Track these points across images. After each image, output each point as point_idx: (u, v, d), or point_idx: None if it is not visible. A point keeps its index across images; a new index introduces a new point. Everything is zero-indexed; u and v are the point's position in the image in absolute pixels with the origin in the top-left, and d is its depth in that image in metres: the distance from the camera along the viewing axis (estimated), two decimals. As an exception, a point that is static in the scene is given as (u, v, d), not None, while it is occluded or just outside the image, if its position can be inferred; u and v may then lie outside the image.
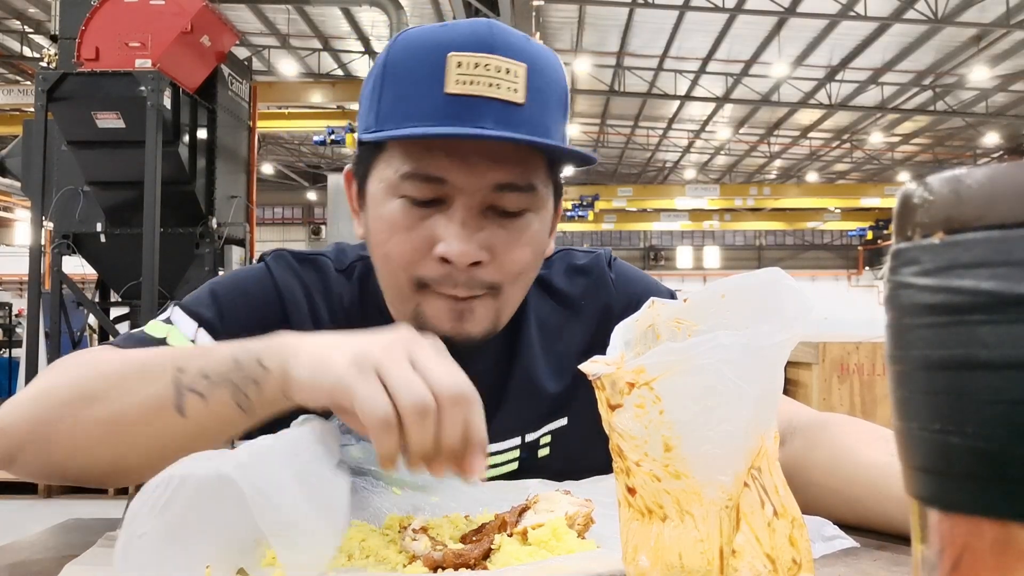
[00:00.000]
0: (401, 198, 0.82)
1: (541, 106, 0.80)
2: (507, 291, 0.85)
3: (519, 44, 0.80)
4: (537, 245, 0.86)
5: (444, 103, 0.77)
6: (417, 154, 0.80)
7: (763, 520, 0.50)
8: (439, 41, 0.79)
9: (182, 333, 0.87)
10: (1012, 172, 0.26)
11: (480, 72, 0.77)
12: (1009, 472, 0.25)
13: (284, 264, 0.96)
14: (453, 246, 0.79)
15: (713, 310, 0.58)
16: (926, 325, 0.27)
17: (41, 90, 5.50)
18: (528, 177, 0.82)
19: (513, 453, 0.96)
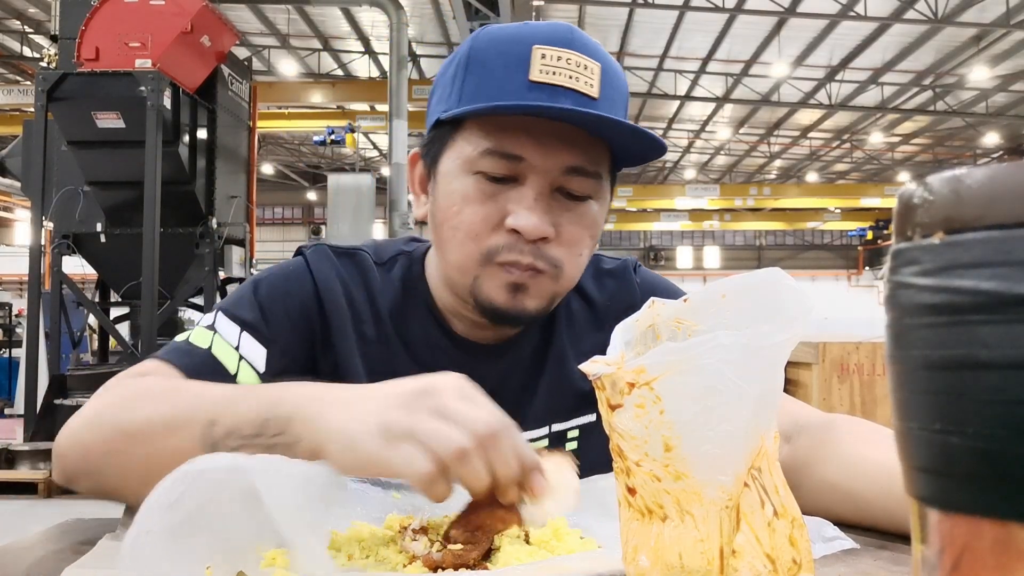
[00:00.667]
0: (476, 174, 0.86)
1: (611, 104, 0.86)
2: (567, 270, 0.89)
3: (595, 47, 0.87)
4: (595, 231, 0.91)
5: (528, 88, 0.83)
6: (497, 132, 0.85)
7: (763, 520, 0.50)
8: (524, 35, 0.85)
9: (226, 340, 0.90)
10: (1012, 172, 0.26)
11: (562, 65, 0.83)
12: (1009, 472, 0.25)
13: (323, 257, 0.98)
14: (524, 219, 0.84)
15: (713, 310, 0.58)
16: (926, 325, 0.27)
17: (41, 90, 5.50)
18: (596, 164, 0.87)
19: (542, 443, 0.99)
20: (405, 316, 0.97)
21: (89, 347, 7.30)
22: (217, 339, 0.89)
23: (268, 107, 14.68)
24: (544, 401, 0.99)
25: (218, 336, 0.90)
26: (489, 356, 0.97)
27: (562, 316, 1.02)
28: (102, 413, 0.79)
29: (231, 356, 0.89)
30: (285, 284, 0.95)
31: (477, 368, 0.94)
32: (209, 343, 0.89)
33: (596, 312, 1.04)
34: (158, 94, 5.47)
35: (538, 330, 1.00)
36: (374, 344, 0.95)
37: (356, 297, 0.96)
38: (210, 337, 0.90)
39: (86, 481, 0.79)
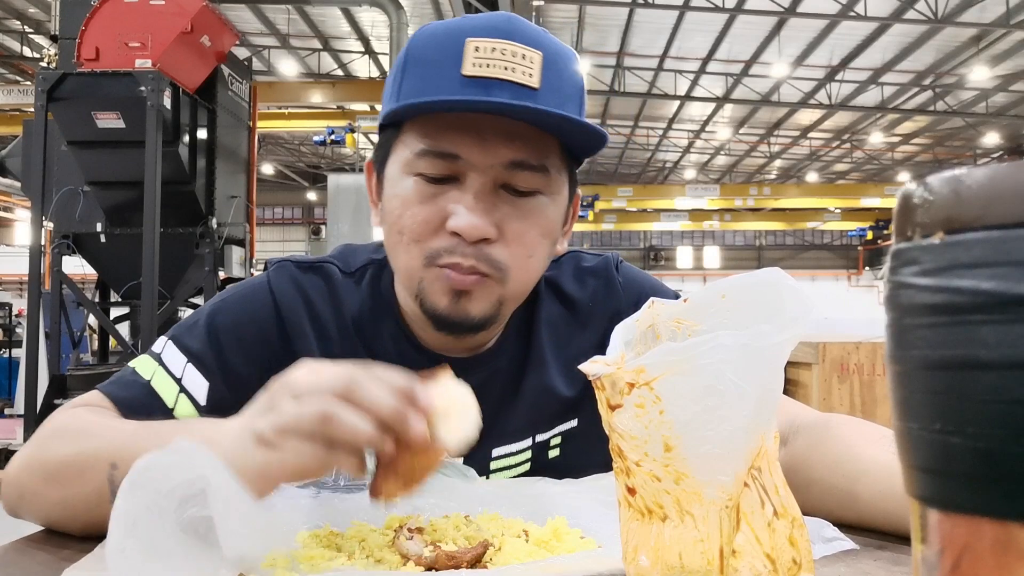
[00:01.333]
0: (415, 176, 0.83)
1: (556, 93, 0.82)
2: (514, 274, 0.85)
3: (536, 34, 0.83)
4: (547, 230, 0.87)
5: (461, 83, 0.80)
6: (432, 132, 0.82)
7: (763, 520, 0.50)
8: (459, 28, 0.82)
9: (168, 371, 0.88)
10: (1012, 172, 0.26)
11: (496, 56, 0.80)
12: (1009, 472, 0.25)
13: (286, 275, 0.95)
14: (464, 219, 0.81)
15: (713, 310, 0.58)
16: (926, 325, 0.27)
17: (41, 90, 5.49)
18: (541, 157, 0.83)
19: (525, 454, 0.97)
20: (374, 329, 0.95)
21: (89, 347, 7.30)
22: (159, 371, 0.89)
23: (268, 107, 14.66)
24: (526, 412, 0.96)
25: (160, 367, 0.89)
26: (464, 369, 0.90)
27: (541, 323, 0.98)
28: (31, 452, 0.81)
29: (170, 389, 0.88)
30: (243, 309, 0.93)
31: None
32: (151, 374, 0.88)
33: (578, 313, 1.01)
34: (158, 94, 5.47)
35: (515, 339, 0.97)
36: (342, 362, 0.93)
37: (322, 314, 0.94)
38: (153, 368, 0.89)
39: (25, 514, 0.81)
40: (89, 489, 0.73)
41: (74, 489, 0.75)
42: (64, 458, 0.77)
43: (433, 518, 0.73)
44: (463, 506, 0.77)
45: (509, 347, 0.97)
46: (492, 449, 0.95)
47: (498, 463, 0.96)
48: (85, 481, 0.74)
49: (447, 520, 0.72)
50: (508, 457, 0.96)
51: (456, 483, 0.84)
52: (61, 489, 0.76)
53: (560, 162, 0.86)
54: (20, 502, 0.81)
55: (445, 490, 0.82)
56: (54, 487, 0.76)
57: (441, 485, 0.83)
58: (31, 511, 0.80)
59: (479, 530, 0.71)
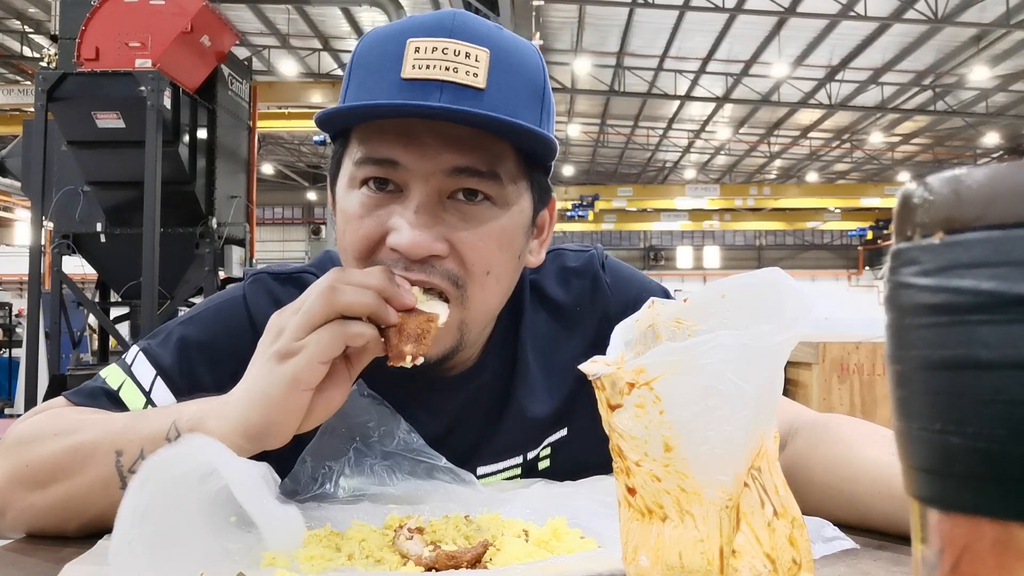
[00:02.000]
0: (360, 188, 0.79)
1: (505, 92, 0.76)
2: (472, 293, 0.79)
3: (483, 30, 0.78)
4: (505, 242, 0.80)
5: (399, 87, 0.75)
6: (371, 139, 0.77)
7: (763, 520, 0.50)
8: (403, 29, 0.78)
9: (137, 384, 0.86)
10: (1012, 172, 0.26)
11: (437, 56, 0.75)
12: (1009, 472, 0.25)
13: (261, 289, 0.93)
14: (404, 235, 0.75)
15: (713, 310, 0.58)
16: (926, 325, 0.27)
17: (41, 90, 5.49)
18: (490, 164, 0.77)
19: (515, 471, 0.95)
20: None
21: (89, 347, 7.30)
22: (128, 382, 0.87)
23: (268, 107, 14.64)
24: (514, 430, 0.93)
25: (129, 379, 0.87)
26: (448, 387, 0.90)
27: (526, 333, 0.94)
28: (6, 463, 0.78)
29: (138, 401, 0.86)
30: (216, 326, 0.90)
31: (435, 402, 0.91)
32: (119, 384, 0.87)
33: (564, 319, 0.97)
34: (158, 94, 5.47)
35: (499, 352, 0.92)
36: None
37: None
38: (122, 378, 0.87)
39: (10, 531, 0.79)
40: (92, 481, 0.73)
41: (74, 484, 0.74)
42: (55, 456, 0.75)
43: (433, 518, 0.73)
44: (463, 506, 0.77)
45: (493, 362, 0.92)
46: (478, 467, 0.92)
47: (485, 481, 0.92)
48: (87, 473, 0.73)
49: (447, 520, 0.72)
50: (496, 475, 0.94)
51: (455, 487, 0.84)
52: (56, 488, 0.74)
53: (516, 169, 0.80)
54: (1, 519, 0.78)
55: (445, 491, 0.82)
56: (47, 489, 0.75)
57: (441, 487, 0.83)
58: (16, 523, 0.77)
59: (479, 530, 0.71)
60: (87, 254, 6.10)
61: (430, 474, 0.84)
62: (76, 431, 0.77)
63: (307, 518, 0.73)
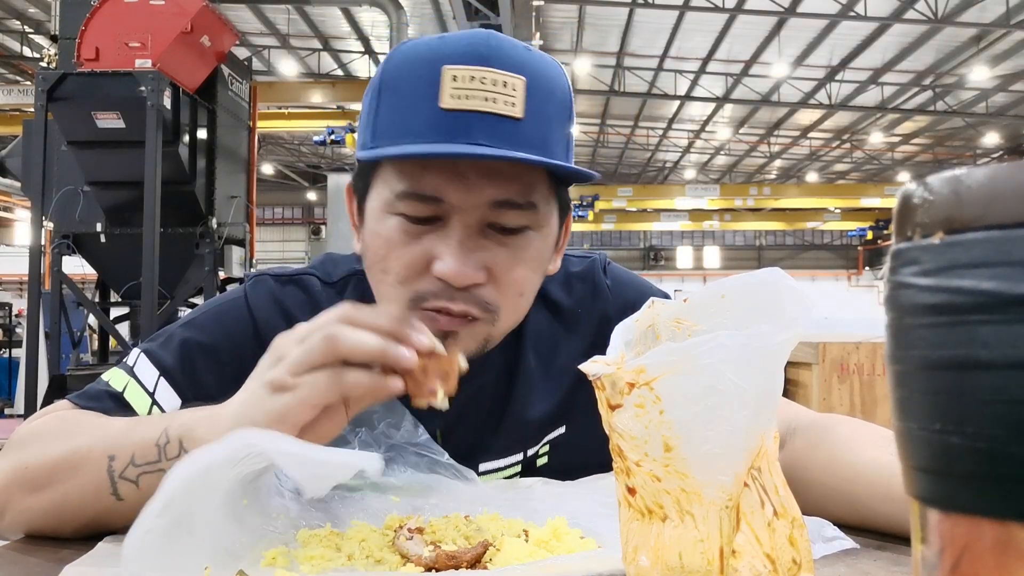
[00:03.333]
0: (397, 216, 0.80)
1: (541, 120, 0.78)
2: (504, 314, 0.83)
3: (518, 56, 0.78)
4: (538, 264, 0.84)
5: (438, 119, 0.75)
6: (412, 173, 0.78)
7: (763, 520, 0.50)
8: (435, 53, 0.77)
9: (141, 385, 0.87)
10: (1012, 172, 0.26)
11: (475, 86, 0.75)
12: (1009, 472, 0.25)
13: (263, 290, 0.93)
14: (450, 265, 0.77)
15: (713, 310, 0.58)
16: (926, 325, 0.27)
17: (41, 90, 5.49)
18: (527, 194, 0.80)
19: (515, 468, 0.97)
20: None
21: (89, 347, 7.30)
22: (132, 383, 0.87)
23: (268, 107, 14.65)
24: (514, 428, 0.95)
25: (133, 380, 0.87)
26: None
27: (527, 334, 0.96)
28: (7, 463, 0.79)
29: (143, 402, 0.86)
30: (218, 327, 0.91)
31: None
32: (123, 386, 0.87)
33: (565, 320, 0.99)
34: (158, 94, 5.47)
35: (502, 353, 0.93)
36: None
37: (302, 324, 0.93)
38: (126, 380, 0.87)
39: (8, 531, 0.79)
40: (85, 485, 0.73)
41: (68, 488, 0.74)
42: (52, 459, 0.76)
43: (433, 518, 0.73)
44: (463, 506, 0.77)
45: (495, 362, 0.93)
46: (480, 464, 0.94)
47: (486, 478, 0.94)
48: (80, 478, 0.73)
49: (447, 520, 0.72)
50: (496, 472, 0.95)
51: (454, 485, 0.84)
52: (52, 491, 0.74)
53: (548, 192, 0.83)
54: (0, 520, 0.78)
55: (445, 490, 0.82)
56: (43, 492, 0.75)
57: (440, 487, 0.83)
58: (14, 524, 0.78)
59: (479, 530, 0.71)
60: (87, 254, 6.10)
61: (432, 468, 0.84)
62: (74, 435, 0.77)
63: (307, 518, 0.73)
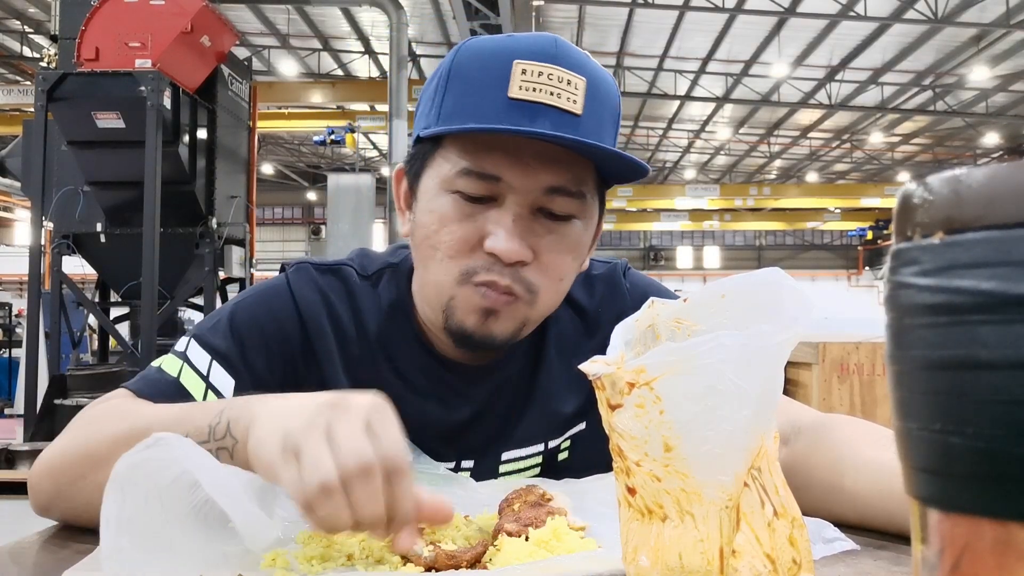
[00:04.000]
0: (454, 193, 0.84)
1: (597, 120, 0.83)
2: (543, 296, 0.86)
3: (581, 60, 0.84)
4: (579, 253, 0.88)
5: (507, 106, 0.80)
6: (476, 151, 0.82)
7: (763, 520, 0.50)
8: (506, 49, 0.83)
9: (195, 369, 0.89)
10: (1012, 172, 0.26)
11: (543, 81, 0.80)
12: (1009, 472, 0.25)
13: (305, 277, 0.96)
14: (502, 242, 0.82)
15: (713, 310, 0.58)
16: (926, 325, 0.27)
17: (41, 90, 5.49)
18: (579, 183, 0.84)
19: (536, 459, 0.99)
20: (391, 335, 0.96)
21: (89, 347, 7.30)
22: (186, 368, 0.89)
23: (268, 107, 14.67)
24: (537, 419, 0.98)
25: (187, 365, 0.90)
26: (476, 376, 0.96)
27: (552, 332, 1.00)
28: (71, 444, 0.81)
29: (199, 385, 0.89)
30: (264, 310, 0.94)
31: (464, 389, 0.96)
32: (178, 371, 0.89)
33: (587, 320, 1.02)
34: (158, 94, 5.46)
35: (527, 348, 0.98)
36: (360, 364, 0.94)
37: (341, 315, 0.95)
38: (179, 365, 0.90)
39: (59, 509, 0.81)
40: None
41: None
42: (111, 435, 0.77)
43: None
44: (463, 506, 0.77)
45: (520, 355, 0.98)
46: (502, 453, 0.97)
47: (508, 467, 0.97)
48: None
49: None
50: (518, 461, 0.98)
51: (455, 484, 0.84)
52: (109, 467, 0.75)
53: (594, 187, 0.87)
54: (56, 496, 0.80)
55: (445, 490, 0.82)
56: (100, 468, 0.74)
57: (441, 485, 0.83)
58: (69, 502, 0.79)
59: (479, 530, 0.71)
60: (87, 254, 6.09)
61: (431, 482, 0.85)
62: (137, 416, 0.79)
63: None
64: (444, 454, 0.94)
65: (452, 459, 0.95)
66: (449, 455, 0.95)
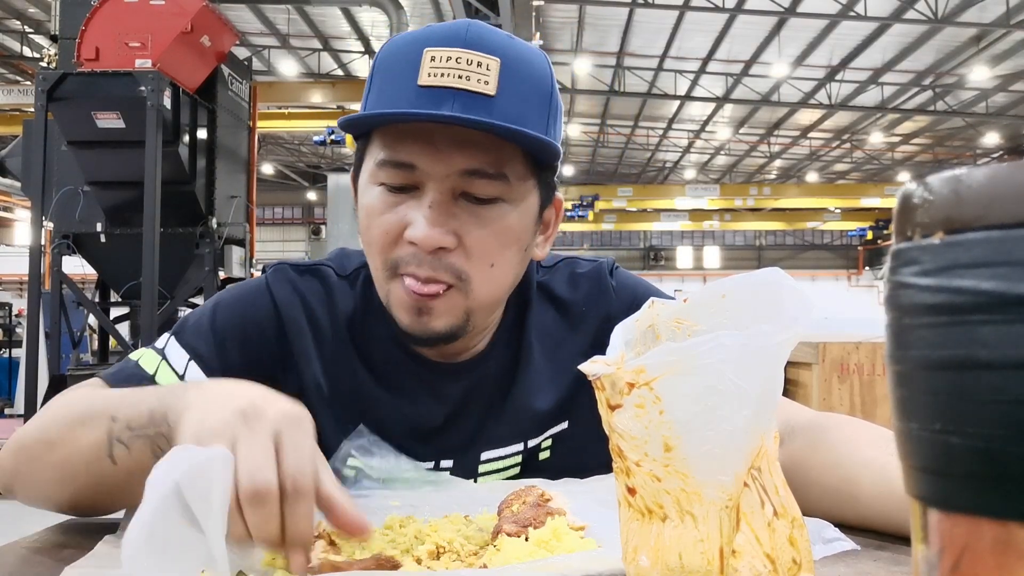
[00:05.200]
0: (380, 186, 0.85)
1: (515, 99, 0.82)
2: (476, 284, 0.85)
3: (495, 40, 0.83)
4: (511, 238, 0.86)
5: (415, 94, 0.81)
6: (390, 143, 0.83)
7: (763, 520, 0.50)
8: (419, 38, 0.83)
9: (172, 368, 0.90)
10: (1012, 172, 0.26)
11: (451, 65, 0.81)
12: (1009, 472, 0.25)
13: (283, 278, 0.97)
14: (419, 229, 0.81)
15: (713, 310, 0.58)
16: (926, 325, 0.27)
17: (41, 90, 5.50)
18: (499, 166, 0.83)
19: (516, 459, 0.98)
20: (366, 333, 0.96)
21: (89, 347, 7.30)
22: (163, 365, 0.90)
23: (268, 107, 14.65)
24: (516, 418, 0.97)
25: (164, 362, 0.90)
26: (453, 374, 0.96)
27: (531, 328, 0.99)
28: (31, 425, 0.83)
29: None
30: (244, 310, 0.95)
31: (441, 387, 0.96)
32: (155, 369, 0.90)
33: (570, 316, 1.02)
34: (158, 94, 5.47)
35: (504, 344, 0.98)
36: (337, 363, 0.95)
37: (318, 315, 0.96)
38: (157, 362, 0.91)
39: (19, 490, 0.83)
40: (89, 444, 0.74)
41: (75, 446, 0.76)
42: (65, 418, 0.78)
43: (433, 518, 0.73)
44: (463, 506, 0.77)
45: (499, 352, 0.97)
46: (481, 453, 0.96)
47: (487, 467, 0.96)
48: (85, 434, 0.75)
49: (447, 520, 0.72)
50: (498, 460, 0.97)
51: (455, 484, 0.84)
52: (62, 449, 0.77)
53: (524, 169, 0.85)
54: (15, 476, 0.82)
55: (445, 490, 0.82)
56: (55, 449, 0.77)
57: (441, 485, 0.83)
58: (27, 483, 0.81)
59: (479, 530, 0.71)
60: (87, 254, 6.10)
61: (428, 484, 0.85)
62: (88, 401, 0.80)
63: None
64: (422, 454, 0.92)
65: (430, 459, 0.94)
66: (427, 455, 0.93)
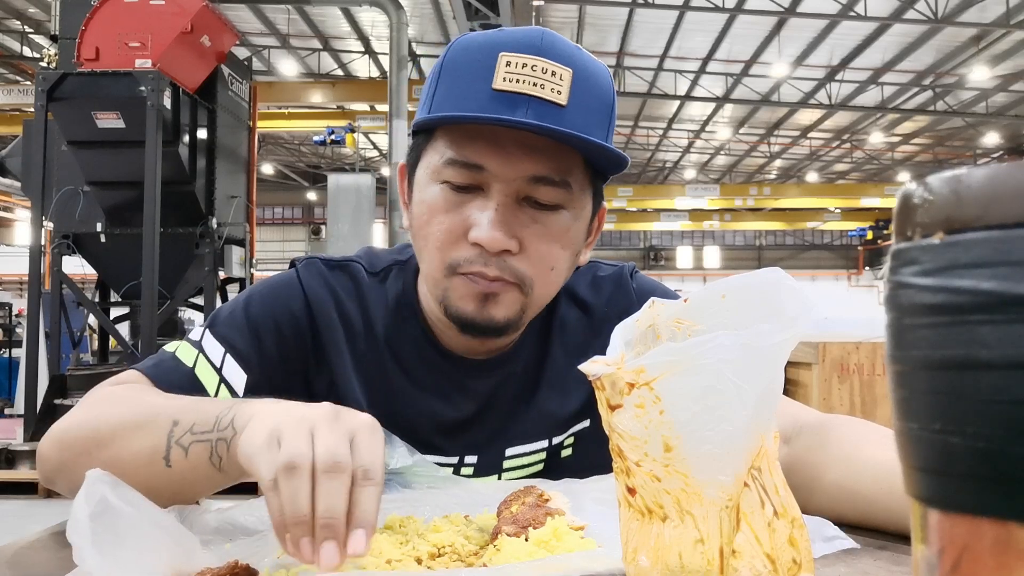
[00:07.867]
0: (442, 184, 0.86)
1: (583, 111, 0.83)
2: (536, 287, 0.87)
3: (568, 51, 0.85)
4: (568, 244, 0.89)
5: (490, 97, 0.81)
6: (460, 142, 0.84)
7: (763, 520, 0.50)
8: (494, 42, 0.84)
9: (209, 361, 0.91)
10: (1012, 172, 0.26)
11: (527, 72, 0.82)
12: (1009, 472, 0.25)
13: (314, 272, 0.98)
14: (484, 231, 0.83)
15: (713, 310, 0.58)
16: (926, 325, 0.27)
17: (41, 90, 5.49)
18: (563, 173, 0.85)
19: (540, 455, 0.99)
20: (397, 330, 0.97)
21: (89, 347, 7.30)
22: (201, 359, 0.91)
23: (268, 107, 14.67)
24: (541, 415, 0.98)
25: (202, 356, 0.91)
26: (481, 371, 0.97)
27: (556, 328, 1.01)
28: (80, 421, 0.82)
29: (212, 378, 0.90)
30: (277, 303, 0.95)
31: (469, 383, 0.97)
32: (193, 361, 0.90)
33: (593, 318, 1.03)
34: (158, 94, 5.47)
35: (532, 344, 0.99)
36: (368, 359, 0.96)
37: (349, 311, 0.96)
38: (195, 355, 0.91)
39: (62, 482, 0.82)
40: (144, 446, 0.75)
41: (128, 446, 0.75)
42: (120, 417, 0.78)
43: (433, 518, 0.73)
44: (463, 506, 0.77)
45: (526, 351, 0.99)
46: (506, 448, 0.98)
47: (511, 462, 0.98)
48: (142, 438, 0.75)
49: (447, 520, 0.72)
50: (522, 457, 0.98)
51: (455, 483, 0.84)
52: (113, 448, 0.76)
53: (584, 177, 0.88)
54: (60, 468, 0.82)
55: (445, 490, 0.82)
56: (105, 448, 0.77)
57: (441, 485, 0.83)
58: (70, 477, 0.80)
59: (479, 530, 0.71)
60: (87, 254, 6.10)
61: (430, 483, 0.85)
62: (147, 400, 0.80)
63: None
64: (448, 449, 0.95)
65: (456, 454, 0.96)
66: (453, 450, 0.96)
